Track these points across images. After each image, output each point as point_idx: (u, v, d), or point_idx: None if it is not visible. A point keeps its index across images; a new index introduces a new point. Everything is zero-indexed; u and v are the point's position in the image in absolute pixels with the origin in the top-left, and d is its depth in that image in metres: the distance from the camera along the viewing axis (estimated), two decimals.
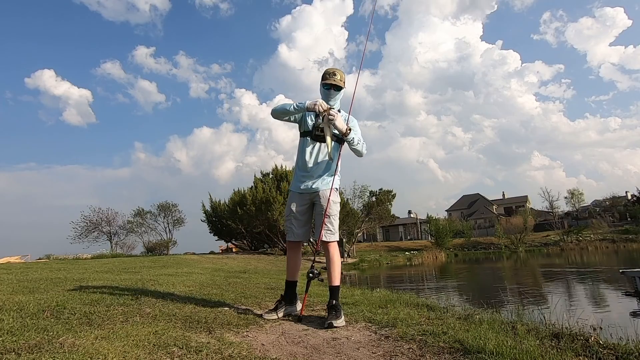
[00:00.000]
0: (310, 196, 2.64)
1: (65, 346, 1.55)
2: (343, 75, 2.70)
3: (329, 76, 2.66)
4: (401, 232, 46.91)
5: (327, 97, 2.67)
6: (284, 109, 2.63)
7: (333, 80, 2.65)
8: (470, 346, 1.82)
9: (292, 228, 2.63)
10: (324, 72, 2.71)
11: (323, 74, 2.70)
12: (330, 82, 2.65)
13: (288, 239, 2.69)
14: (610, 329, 2.78)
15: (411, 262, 24.64)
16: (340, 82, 2.67)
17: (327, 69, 2.72)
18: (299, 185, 2.65)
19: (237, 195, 24.33)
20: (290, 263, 2.73)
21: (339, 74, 2.67)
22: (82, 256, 18.82)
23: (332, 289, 2.58)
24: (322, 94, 2.70)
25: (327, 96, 2.68)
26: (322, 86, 2.69)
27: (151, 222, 34.41)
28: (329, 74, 2.67)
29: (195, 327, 2.17)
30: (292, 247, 2.73)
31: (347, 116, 2.71)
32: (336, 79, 2.64)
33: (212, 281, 5.21)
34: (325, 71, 2.71)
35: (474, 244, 35.97)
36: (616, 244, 30.96)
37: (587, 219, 41.02)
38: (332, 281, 2.60)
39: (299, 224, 2.63)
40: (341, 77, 2.68)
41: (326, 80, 2.66)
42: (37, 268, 6.79)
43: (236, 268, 9.86)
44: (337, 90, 2.68)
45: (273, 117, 2.69)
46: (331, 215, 2.59)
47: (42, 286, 3.74)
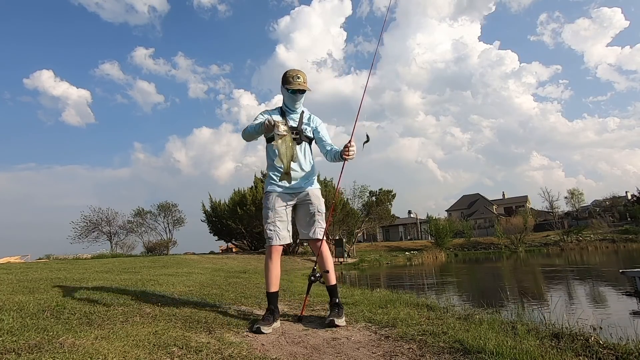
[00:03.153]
0: (295, 196, 2.53)
1: (65, 346, 1.55)
2: (306, 76, 2.55)
3: (293, 79, 2.49)
4: (401, 232, 46.90)
5: (292, 102, 2.55)
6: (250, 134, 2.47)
7: (298, 84, 2.49)
8: (470, 346, 1.82)
9: (277, 231, 2.43)
10: (285, 75, 2.53)
11: (285, 77, 2.52)
12: (295, 88, 2.48)
13: (273, 244, 2.44)
14: (610, 329, 2.78)
15: (411, 262, 24.63)
16: (306, 85, 2.52)
17: (288, 71, 2.54)
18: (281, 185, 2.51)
19: (237, 195, 24.34)
20: (274, 272, 2.46)
21: (302, 75, 2.52)
22: (82, 256, 18.81)
23: (332, 288, 2.53)
24: (287, 98, 2.56)
25: (293, 101, 2.55)
26: (287, 90, 2.52)
27: (151, 222, 34.42)
28: (292, 77, 2.50)
29: (195, 327, 2.17)
30: (277, 252, 2.48)
31: (310, 116, 2.63)
32: (301, 82, 2.49)
33: (212, 281, 5.21)
34: (288, 74, 2.52)
35: (474, 244, 35.96)
36: (616, 244, 30.94)
37: (587, 219, 41.01)
38: (331, 280, 2.54)
39: (284, 226, 2.47)
40: (304, 79, 2.52)
41: (290, 84, 2.49)
42: (37, 268, 6.79)
43: (236, 268, 9.86)
44: (302, 94, 2.55)
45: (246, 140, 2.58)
46: (323, 213, 2.56)
47: (42, 286, 3.74)
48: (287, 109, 2.61)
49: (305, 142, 2.58)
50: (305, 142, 2.57)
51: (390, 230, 46.55)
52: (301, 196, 2.54)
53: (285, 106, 2.61)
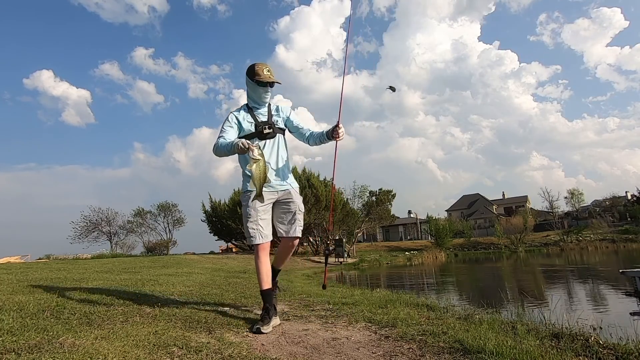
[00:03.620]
0: (276, 194, 2.46)
1: (65, 346, 1.55)
2: (271, 69, 2.47)
3: (263, 72, 2.39)
4: (401, 232, 46.91)
5: (262, 97, 2.47)
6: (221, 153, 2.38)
7: (269, 77, 2.40)
8: (470, 346, 1.82)
9: (260, 229, 2.37)
10: (253, 68, 2.41)
11: (253, 70, 2.40)
12: (267, 80, 2.40)
13: (256, 242, 2.37)
14: (610, 329, 2.78)
15: (411, 262, 24.62)
16: (275, 77, 2.44)
17: (255, 64, 2.43)
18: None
19: (237, 195, 24.33)
20: (264, 269, 2.42)
21: (270, 68, 2.44)
22: (82, 256, 18.81)
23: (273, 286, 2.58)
24: (255, 92, 2.46)
25: (262, 95, 2.47)
26: (256, 84, 2.41)
27: (151, 222, 34.44)
28: (262, 69, 2.40)
29: (195, 327, 2.17)
30: (264, 250, 2.40)
31: (278, 107, 2.59)
32: (271, 75, 2.42)
33: (212, 281, 5.21)
34: (256, 67, 2.41)
35: (474, 244, 35.96)
36: (616, 244, 30.93)
37: (587, 219, 41.01)
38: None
39: (266, 224, 2.40)
40: (272, 71, 2.45)
41: (261, 77, 2.39)
42: (37, 268, 6.79)
43: (236, 268, 9.86)
44: (272, 87, 2.47)
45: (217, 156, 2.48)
46: (303, 212, 2.54)
47: (42, 286, 3.74)
48: (254, 104, 2.53)
49: (280, 134, 2.53)
50: (279, 134, 2.53)
51: (390, 230, 46.55)
52: (282, 194, 2.48)
53: (253, 101, 2.52)
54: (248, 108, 2.53)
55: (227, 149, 2.32)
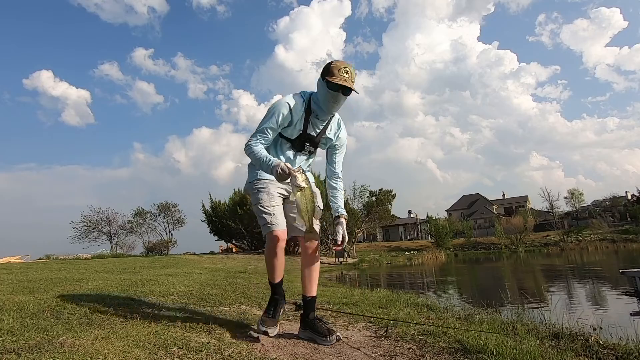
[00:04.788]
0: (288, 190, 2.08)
1: (65, 346, 1.55)
2: (354, 74, 1.92)
3: (339, 72, 1.86)
4: (401, 232, 46.90)
5: (331, 104, 1.94)
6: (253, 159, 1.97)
7: (344, 80, 1.86)
8: (470, 346, 1.82)
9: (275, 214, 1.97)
10: (328, 66, 1.91)
11: (328, 68, 1.90)
12: (339, 83, 1.86)
13: (274, 229, 1.93)
14: (610, 329, 2.78)
15: (411, 262, 24.62)
16: (353, 84, 1.91)
17: (334, 61, 1.93)
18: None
19: (237, 195, 24.33)
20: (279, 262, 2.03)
21: (351, 72, 1.90)
22: (82, 256, 18.81)
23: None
24: (324, 97, 1.94)
25: (332, 102, 1.93)
26: (326, 85, 1.89)
27: (151, 222, 34.45)
28: (339, 69, 1.87)
29: (195, 327, 2.17)
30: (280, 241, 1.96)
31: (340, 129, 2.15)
32: (348, 79, 1.88)
33: (212, 281, 5.21)
34: (333, 64, 1.90)
35: (474, 244, 35.94)
36: (616, 244, 30.91)
37: (587, 219, 40.99)
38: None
39: (280, 211, 2.02)
40: (353, 76, 1.91)
41: (334, 77, 1.86)
42: (37, 268, 6.79)
43: (236, 268, 9.86)
44: (345, 95, 1.94)
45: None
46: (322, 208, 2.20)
47: (42, 286, 3.74)
48: (317, 107, 1.99)
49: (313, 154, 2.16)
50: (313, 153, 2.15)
51: (390, 230, 46.54)
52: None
53: (316, 104, 1.99)
54: (309, 107, 2.00)
55: (260, 164, 1.90)
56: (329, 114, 2.02)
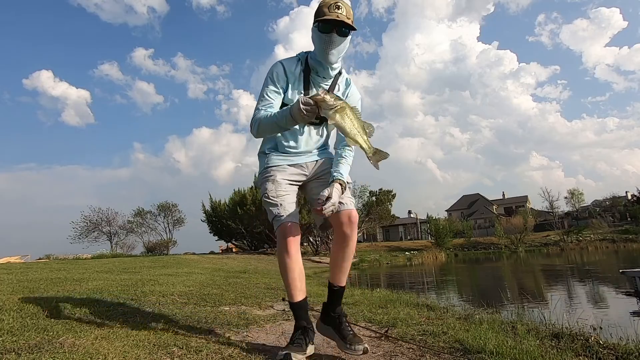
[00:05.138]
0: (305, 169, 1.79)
1: (65, 346, 1.55)
2: (350, 9, 1.59)
3: (329, 10, 1.54)
4: (401, 232, 46.89)
5: (325, 52, 1.60)
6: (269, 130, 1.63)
7: (337, 15, 1.53)
8: (470, 346, 1.82)
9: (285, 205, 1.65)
10: (318, 7, 1.61)
11: (317, 9, 1.61)
12: (331, 19, 1.53)
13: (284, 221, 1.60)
14: (610, 329, 2.78)
15: (411, 262, 24.61)
16: (348, 20, 1.57)
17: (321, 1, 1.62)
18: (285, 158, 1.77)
19: (237, 195, 24.34)
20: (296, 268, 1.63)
21: (345, 6, 1.56)
22: (82, 256, 18.83)
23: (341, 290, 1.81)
24: (317, 45, 1.62)
25: (327, 47, 1.59)
26: (317, 28, 1.58)
27: (151, 222, 34.49)
28: (328, 5, 1.55)
29: (195, 327, 2.17)
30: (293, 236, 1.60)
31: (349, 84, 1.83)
32: (341, 14, 1.54)
33: (212, 281, 5.21)
34: (322, 2, 1.60)
35: (474, 244, 35.94)
36: (616, 244, 30.90)
37: (587, 219, 40.99)
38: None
39: (291, 200, 1.69)
40: (348, 11, 1.57)
41: (324, 16, 1.55)
42: (37, 268, 6.78)
43: (236, 268, 9.85)
44: (342, 36, 1.58)
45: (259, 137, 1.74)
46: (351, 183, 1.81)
47: (42, 286, 3.74)
48: (315, 63, 1.68)
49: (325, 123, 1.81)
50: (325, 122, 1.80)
51: (390, 230, 46.53)
52: (315, 168, 1.79)
53: (315, 60, 1.68)
54: (306, 65, 1.70)
55: (276, 123, 1.55)
56: (327, 64, 1.65)
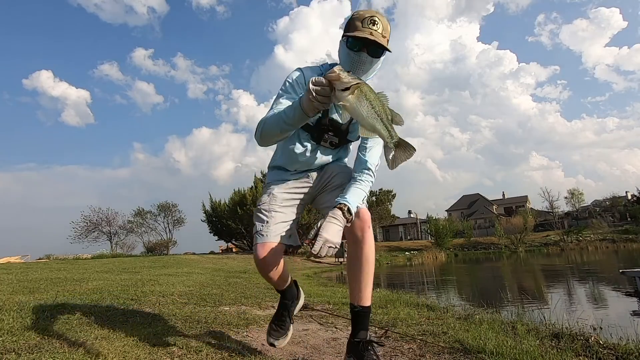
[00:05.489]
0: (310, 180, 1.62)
1: (65, 346, 1.55)
2: (388, 25, 1.40)
3: (363, 24, 1.35)
4: (401, 232, 46.88)
5: (353, 67, 1.39)
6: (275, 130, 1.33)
7: (370, 33, 1.34)
8: (470, 346, 1.82)
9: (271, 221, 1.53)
10: (350, 18, 1.41)
11: (349, 21, 1.41)
12: (363, 36, 1.33)
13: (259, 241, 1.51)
14: (610, 329, 2.78)
15: (411, 262, 24.61)
16: (384, 39, 1.37)
17: (357, 11, 1.41)
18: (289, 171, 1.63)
19: (237, 195, 24.35)
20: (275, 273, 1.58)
21: (382, 21, 1.37)
22: (82, 256, 18.83)
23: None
24: (345, 60, 1.42)
25: (354, 64, 1.39)
26: (346, 44, 1.39)
27: (151, 222, 34.51)
28: (362, 19, 1.35)
29: (195, 327, 2.17)
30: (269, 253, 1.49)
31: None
32: (376, 31, 1.35)
33: (212, 281, 5.21)
34: (355, 15, 1.39)
35: (474, 244, 35.93)
36: (616, 244, 30.90)
37: (587, 219, 40.98)
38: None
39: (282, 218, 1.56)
40: (385, 28, 1.37)
41: (356, 31, 1.35)
42: (37, 268, 6.79)
43: (236, 268, 9.86)
44: (374, 56, 1.40)
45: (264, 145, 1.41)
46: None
47: (42, 286, 3.74)
48: None
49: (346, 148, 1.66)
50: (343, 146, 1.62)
51: (390, 230, 46.54)
52: (322, 175, 1.60)
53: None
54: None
55: (285, 118, 1.28)
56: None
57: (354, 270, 1.44)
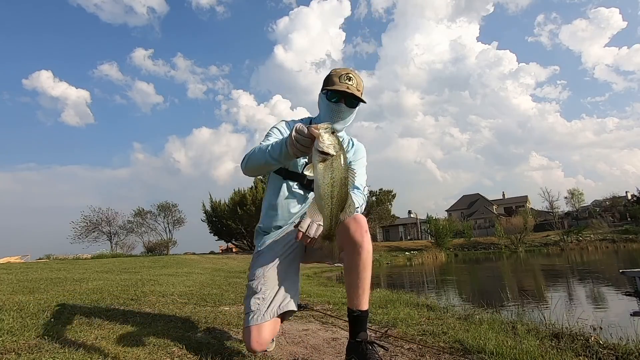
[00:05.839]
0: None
1: (65, 346, 1.55)
2: (361, 81, 1.61)
3: (340, 80, 1.56)
4: (401, 232, 46.88)
5: (333, 116, 1.58)
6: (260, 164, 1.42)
7: (347, 87, 1.55)
8: (470, 346, 1.82)
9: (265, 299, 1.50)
10: (328, 75, 1.62)
11: (327, 77, 1.62)
12: (341, 90, 1.54)
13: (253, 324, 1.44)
14: (610, 329, 2.77)
15: (411, 262, 24.61)
16: (358, 92, 1.58)
17: (334, 69, 1.63)
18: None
19: (237, 195, 24.37)
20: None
21: (356, 78, 1.59)
22: (82, 256, 18.84)
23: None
24: (324, 112, 1.61)
25: (333, 114, 1.58)
26: (326, 96, 1.59)
27: (151, 222, 34.53)
28: (339, 76, 1.57)
29: (195, 327, 2.17)
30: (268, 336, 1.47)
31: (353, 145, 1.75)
32: (352, 85, 1.56)
33: (212, 281, 5.21)
34: (333, 72, 1.61)
35: (474, 244, 35.94)
36: (616, 244, 30.90)
37: (587, 219, 40.99)
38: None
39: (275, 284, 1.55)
40: (359, 83, 1.59)
41: (334, 85, 1.56)
42: (37, 268, 6.79)
43: (236, 268, 9.86)
44: (350, 107, 1.59)
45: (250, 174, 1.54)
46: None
47: (42, 286, 3.74)
48: None
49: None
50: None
51: (390, 230, 46.54)
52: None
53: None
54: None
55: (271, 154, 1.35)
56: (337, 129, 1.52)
57: (353, 276, 1.42)
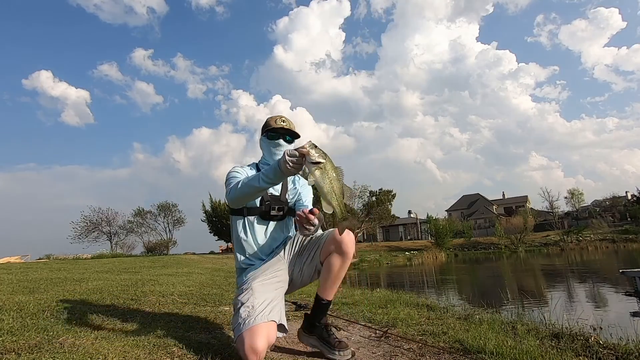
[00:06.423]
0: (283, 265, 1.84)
1: (65, 346, 1.55)
2: (292, 124, 1.93)
3: (276, 122, 1.88)
4: (401, 232, 46.87)
5: (275, 154, 1.89)
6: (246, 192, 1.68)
7: (282, 125, 1.87)
8: (470, 346, 1.82)
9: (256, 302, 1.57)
10: (265, 122, 1.94)
11: (265, 123, 1.94)
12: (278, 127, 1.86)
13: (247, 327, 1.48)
14: (610, 329, 2.77)
15: (411, 262, 24.62)
16: (293, 127, 1.91)
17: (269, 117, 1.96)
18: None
19: None
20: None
21: (287, 120, 1.92)
22: (82, 256, 18.84)
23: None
24: (267, 151, 1.91)
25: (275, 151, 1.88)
26: (267, 137, 1.89)
27: (151, 222, 34.53)
28: (275, 119, 1.89)
29: (195, 327, 2.17)
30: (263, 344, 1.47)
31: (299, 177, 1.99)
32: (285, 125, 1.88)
33: (212, 281, 5.21)
34: (269, 118, 1.94)
35: (474, 244, 35.93)
36: (616, 244, 30.91)
37: (587, 219, 40.98)
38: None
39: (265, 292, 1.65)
40: (291, 125, 1.91)
41: (271, 126, 1.87)
42: (37, 268, 6.79)
43: None
44: (288, 142, 1.89)
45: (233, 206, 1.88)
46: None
47: (42, 286, 3.74)
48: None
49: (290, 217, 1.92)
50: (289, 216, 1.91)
51: (390, 230, 46.52)
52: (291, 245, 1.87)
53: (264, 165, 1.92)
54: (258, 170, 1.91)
55: (264, 180, 1.58)
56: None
57: (331, 273, 1.73)
